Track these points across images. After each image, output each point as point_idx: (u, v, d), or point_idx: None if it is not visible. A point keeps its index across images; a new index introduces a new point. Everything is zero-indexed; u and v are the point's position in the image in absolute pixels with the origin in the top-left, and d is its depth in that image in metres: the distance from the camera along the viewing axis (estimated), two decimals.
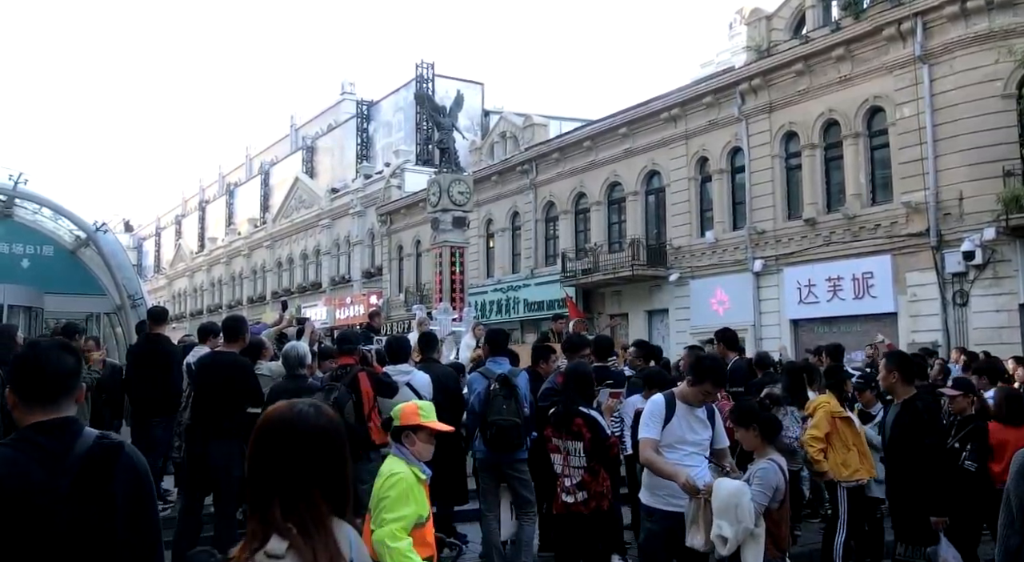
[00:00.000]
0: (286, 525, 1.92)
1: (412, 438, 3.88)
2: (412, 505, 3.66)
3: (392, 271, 37.01)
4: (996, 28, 16.51)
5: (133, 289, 15.48)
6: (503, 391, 6.53)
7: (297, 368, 7.00)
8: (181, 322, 57.81)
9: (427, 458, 3.94)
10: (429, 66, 38.75)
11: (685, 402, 5.02)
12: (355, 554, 2.03)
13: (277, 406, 2.08)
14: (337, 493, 2.03)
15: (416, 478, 3.78)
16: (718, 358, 6.69)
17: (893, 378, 5.65)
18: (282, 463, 1.98)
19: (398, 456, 3.89)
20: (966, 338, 16.36)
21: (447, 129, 19.42)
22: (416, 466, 3.82)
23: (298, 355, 7.03)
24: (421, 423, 3.89)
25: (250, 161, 62.49)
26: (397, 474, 3.73)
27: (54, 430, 2.33)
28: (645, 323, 24.34)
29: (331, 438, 2.04)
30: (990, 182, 16.27)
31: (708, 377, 5.01)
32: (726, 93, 21.96)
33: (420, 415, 3.92)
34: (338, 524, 2.02)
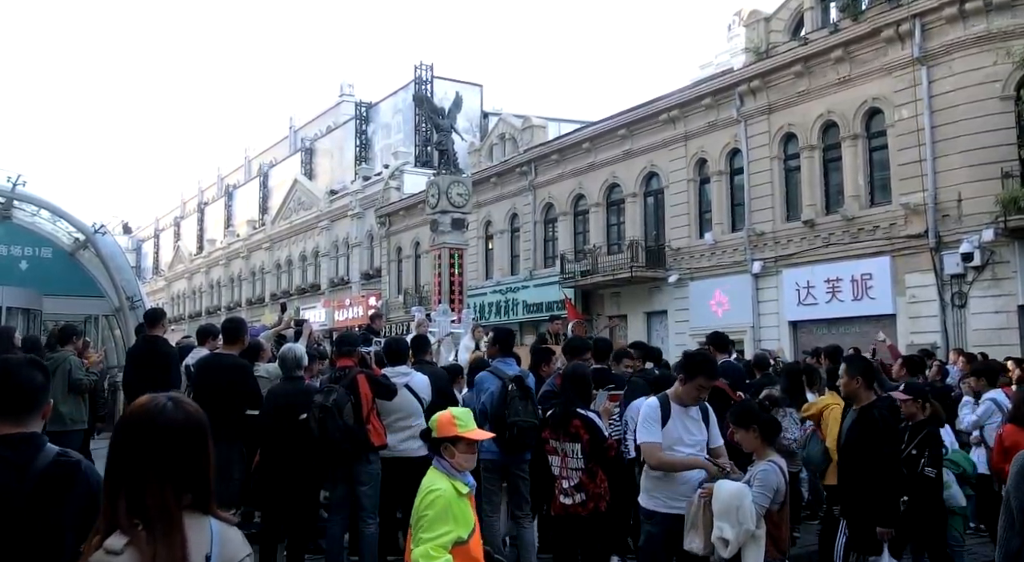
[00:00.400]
0: (131, 520, 1.92)
1: (451, 450, 3.71)
2: (451, 523, 3.52)
3: (391, 273, 37.02)
4: (995, 30, 16.52)
5: (132, 291, 15.50)
6: (521, 392, 6.56)
7: (294, 370, 7.00)
8: (180, 324, 57.83)
9: (470, 468, 3.79)
10: (428, 68, 38.78)
11: (679, 403, 5.03)
12: (217, 548, 2.02)
13: (139, 400, 2.10)
14: (197, 488, 2.04)
15: (457, 493, 3.62)
16: (706, 352, 6.72)
17: (856, 384, 5.53)
18: (133, 457, 1.99)
19: (439, 469, 3.73)
20: (965, 339, 16.37)
21: (446, 131, 19.38)
22: (458, 479, 3.67)
23: (295, 357, 7.02)
24: (459, 434, 3.72)
25: (249, 163, 62.49)
26: (435, 491, 3.59)
27: (19, 444, 2.43)
28: (644, 325, 24.34)
29: (188, 432, 2.05)
30: (989, 183, 16.27)
31: (700, 371, 5.01)
32: (725, 94, 21.97)
33: (457, 425, 3.74)
34: (198, 519, 2.02)
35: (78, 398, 8.64)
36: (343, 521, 6.76)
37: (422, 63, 38.72)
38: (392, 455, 6.78)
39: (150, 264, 73.33)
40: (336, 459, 6.55)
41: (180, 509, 1.98)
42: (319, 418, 6.39)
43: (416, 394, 7.01)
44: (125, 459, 2.00)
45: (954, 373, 10.96)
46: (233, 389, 6.59)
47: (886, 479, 5.32)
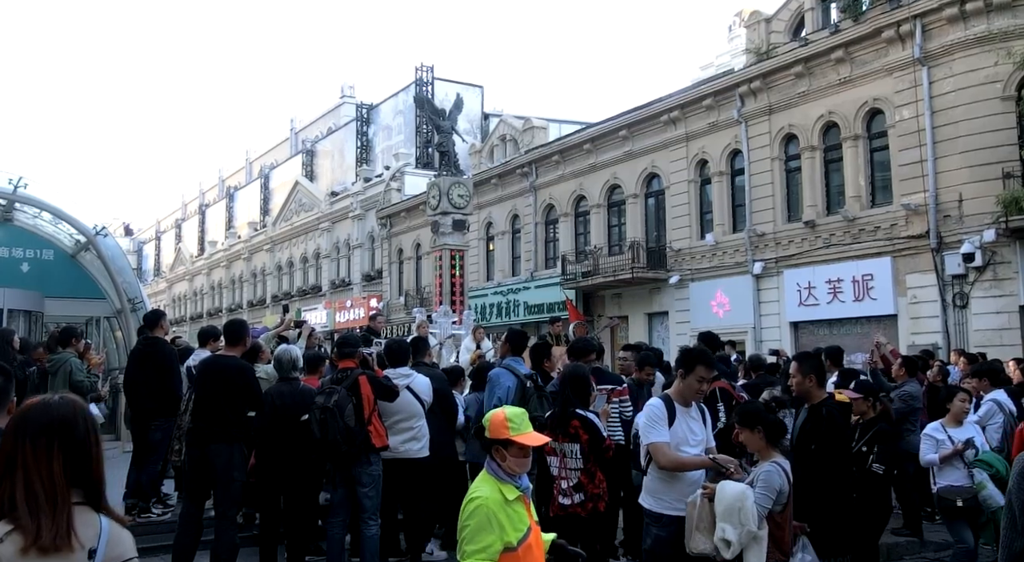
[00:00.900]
0: (14, 510, 2.02)
1: (502, 453, 3.50)
2: (495, 532, 3.32)
3: (392, 274, 37.03)
4: (995, 30, 16.52)
5: (133, 293, 15.51)
6: (537, 391, 6.60)
7: (290, 371, 7.02)
8: (181, 326, 57.89)
9: (522, 471, 3.55)
10: (429, 69, 38.81)
11: (682, 402, 5.03)
12: (103, 545, 2.09)
13: (30, 399, 2.20)
14: (86, 483, 2.12)
15: (503, 499, 3.42)
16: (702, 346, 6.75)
17: (809, 382, 5.51)
18: (21, 448, 2.08)
19: (487, 472, 3.53)
20: (966, 340, 16.35)
21: (447, 132, 19.42)
22: (507, 483, 3.47)
23: (291, 358, 7.04)
24: (510, 437, 3.48)
25: (250, 165, 62.56)
26: (475, 500, 3.40)
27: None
28: (645, 326, 24.34)
29: (73, 427, 2.13)
30: (990, 184, 16.27)
31: (698, 361, 5.00)
32: (726, 95, 21.97)
33: (509, 428, 3.50)
34: (88, 515, 2.10)
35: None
36: (344, 523, 6.77)
37: (423, 65, 38.79)
38: (393, 456, 6.79)
39: (151, 266, 73.39)
40: (337, 460, 6.56)
41: (68, 501, 2.06)
42: (320, 419, 6.41)
43: (417, 395, 7.02)
44: (14, 451, 2.09)
45: (955, 374, 10.95)
46: (235, 391, 6.59)
47: (832, 477, 5.31)
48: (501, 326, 27.75)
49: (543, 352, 7.70)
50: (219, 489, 6.58)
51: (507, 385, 6.82)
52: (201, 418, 6.68)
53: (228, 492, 6.53)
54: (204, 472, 6.55)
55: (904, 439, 8.60)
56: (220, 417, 6.54)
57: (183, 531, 6.67)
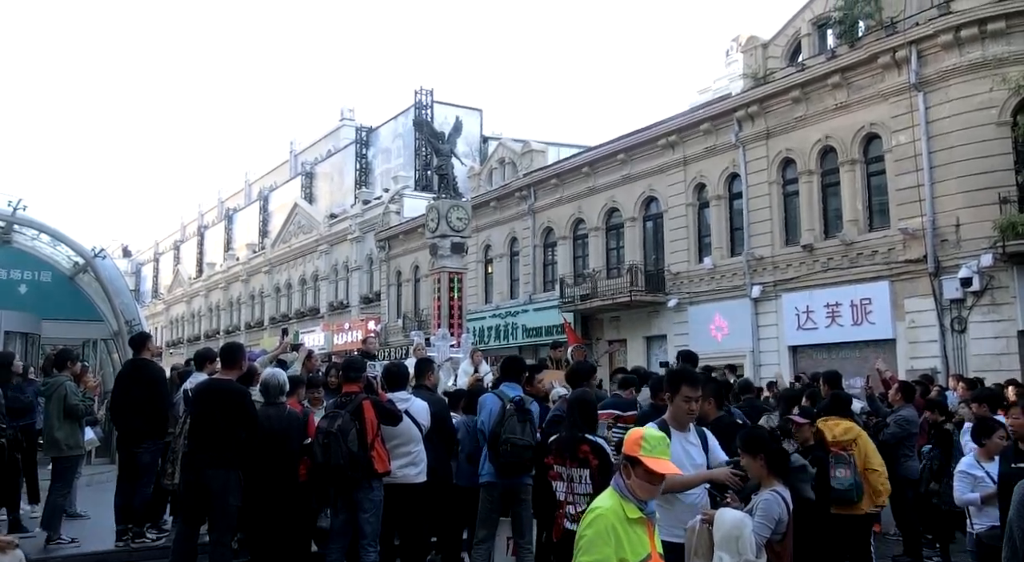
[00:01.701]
0: None
1: (628, 470, 3.41)
2: (611, 545, 3.24)
3: (390, 296, 37.01)
4: (990, 57, 16.64)
5: (131, 315, 15.52)
6: (520, 414, 6.58)
7: (277, 396, 6.98)
8: (179, 347, 57.84)
9: (646, 498, 3.44)
10: (428, 93, 39.02)
11: (677, 428, 4.99)
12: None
13: None
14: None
15: (625, 515, 3.33)
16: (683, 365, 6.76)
17: (708, 405, 5.61)
18: None
19: (613, 486, 3.45)
20: (965, 364, 16.33)
21: (446, 155, 19.45)
22: (630, 501, 3.38)
23: (278, 383, 7.01)
24: (639, 457, 3.38)
25: (249, 187, 62.71)
26: (596, 510, 3.33)
27: None
28: (644, 349, 24.30)
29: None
30: (986, 209, 16.32)
31: (681, 381, 4.99)
32: (723, 120, 22.08)
33: (641, 448, 3.41)
34: None
35: (74, 423, 8.59)
36: (343, 549, 6.71)
37: (422, 88, 39.00)
38: (391, 481, 6.76)
39: (149, 287, 73.37)
40: (340, 485, 6.52)
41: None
42: (323, 444, 6.38)
43: (415, 420, 6.99)
44: None
45: (953, 398, 10.93)
46: (230, 414, 6.56)
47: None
48: (499, 349, 27.69)
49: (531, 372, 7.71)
50: (214, 514, 6.53)
51: (490, 409, 6.82)
52: (197, 442, 6.64)
53: (223, 517, 6.49)
54: (199, 497, 6.51)
55: (901, 464, 8.56)
56: (216, 441, 6.50)
57: (177, 556, 6.62)
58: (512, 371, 7.31)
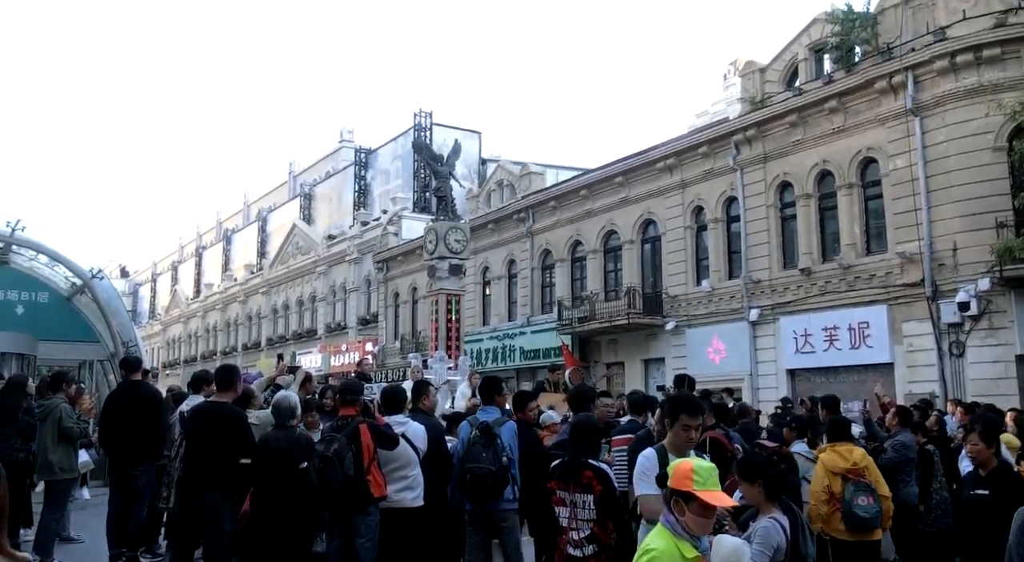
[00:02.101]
0: None
1: (681, 506, 3.25)
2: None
3: (388, 318, 36.96)
4: (985, 82, 16.75)
5: (128, 336, 15.50)
6: (483, 439, 6.53)
7: (288, 419, 6.95)
8: (175, 368, 57.67)
9: (702, 533, 3.31)
10: (427, 115, 39.19)
11: (675, 453, 4.95)
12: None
13: None
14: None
15: (680, 556, 3.21)
16: (688, 393, 6.70)
17: (662, 426, 5.54)
18: None
19: (664, 524, 3.29)
20: (963, 389, 16.30)
21: (444, 177, 19.50)
22: (684, 540, 3.24)
23: (290, 405, 6.98)
24: (693, 491, 3.22)
25: (248, 208, 62.80)
26: (650, 552, 3.19)
27: None
28: (642, 372, 24.26)
29: None
30: (983, 233, 16.36)
31: (680, 409, 4.94)
32: (721, 143, 22.18)
33: (694, 481, 3.25)
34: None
35: (68, 446, 8.54)
36: None
37: (421, 110, 39.17)
38: (387, 506, 6.71)
39: (147, 308, 73.28)
40: (336, 510, 6.47)
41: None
42: (319, 468, 6.34)
43: (412, 443, 6.96)
44: None
45: (951, 423, 10.89)
46: (226, 437, 6.52)
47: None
48: (497, 371, 27.61)
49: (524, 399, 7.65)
50: (209, 538, 6.49)
51: (463, 436, 6.81)
52: (192, 465, 6.60)
53: (218, 541, 6.44)
54: (194, 520, 6.46)
55: (900, 490, 8.51)
56: (211, 465, 6.46)
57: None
58: (487, 393, 7.26)
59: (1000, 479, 5.83)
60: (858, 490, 6.79)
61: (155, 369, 53.66)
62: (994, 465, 5.93)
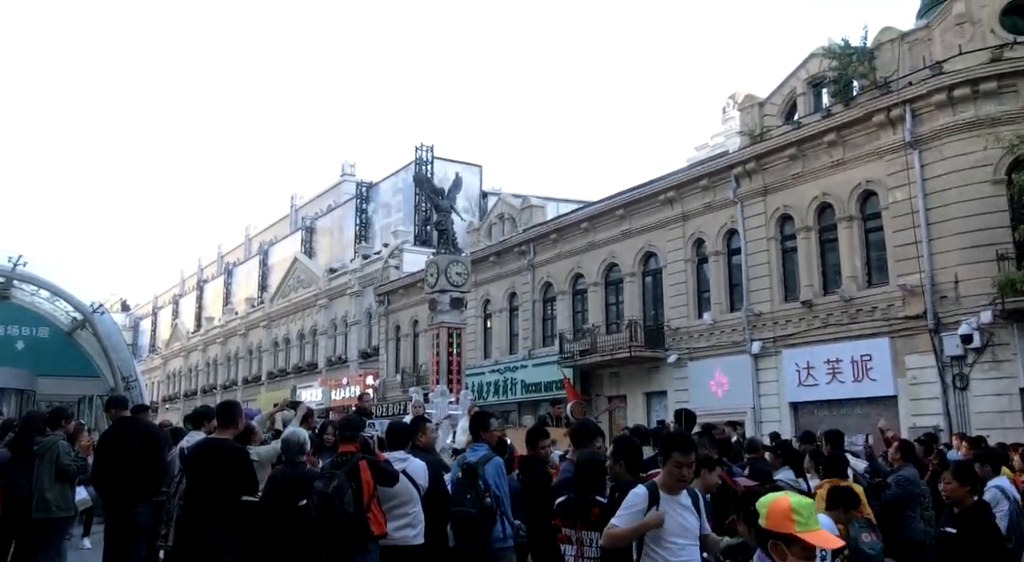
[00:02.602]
0: None
1: (781, 549, 2.97)
2: None
3: (389, 351, 36.87)
4: (983, 116, 16.85)
5: (128, 371, 15.47)
6: (466, 480, 6.50)
7: (297, 455, 6.89)
8: (175, 402, 57.47)
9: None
10: (428, 149, 39.39)
11: (667, 491, 4.87)
12: None
13: None
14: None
15: None
16: (681, 430, 6.64)
17: (619, 468, 5.52)
18: None
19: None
20: (967, 422, 16.19)
21: (445, 211, 19.55)
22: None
23: (299, 441, 6.92)
24: (795, 534, 2.93)
25: (249, 241, 62.98)
26: None
27: None
28: (644, 405, 24.14)
29: None
30: (985, 265, 16.36)
31: (673, 447, 4.88)
32: (721, 176, 22.27)
33: (795, 522, 2.95)
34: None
35: (65, 484, 8.45)
36: None
37: (423, 144, 39.35)
38: (387, 543, 6.63)
39: (147, 342, 73.16)
40: (335, 547, 6.40)
41: None
42: (318, 505, 6.28)
43: (413, 480, 6.90)
44: None
45: (956, 458, 10.80)
46: (227, 474, 6.47)
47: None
48: (498, 405, 27.51)
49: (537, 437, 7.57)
50: None
51: (452, 475, 6.78)
52: (193, 503, 6.54)
53: None
54: (195, 558, 6.39)
55: (906, 526, 8.42)
56: (213, 502, 6.40)
57: None
58: (474, 430, 7.21)
59: (971, 517, 5.85)
60: (862, 527, 6.70)
61: (155, 403, 53.58)
62: (968, 503, 5.94)
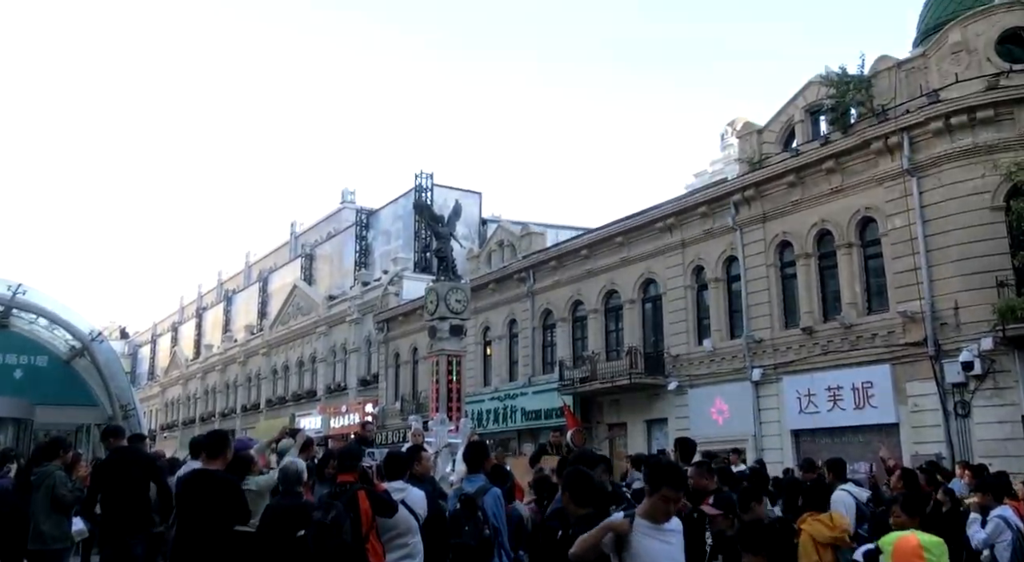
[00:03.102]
0: None
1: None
2: None
3: (388, 379, 36.75)
4: (980, 143, 16.92)
5: (126, 399, 15.41)
6: (464, 511, 6.44)
7: (295, 485, 6.83)
8: (173, 431, 57.19)
9: None
10: (428, 176, 39.53)
11: (650, 520, 4.73)
12: None
13: None
14: None
15: None
16: (672, 462, 6.52)
17: (566, 499, 5.39)
18: None
19: None
20: (970, 450, 16.08)
21: (445, 238, 19.60)
22: None
23: (297, 471, 6.86)
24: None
25: (249, 268, 63.05)
26: None
27: None
28: (644, 433, 24.01)
29: None
30: (985, 292, 16.34)
31: (663, 482, 4.73)
32: (720, 203, 22.32)
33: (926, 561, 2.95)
34: None
35: (61, 515, 8.37)
36: None
37: (422, 172, 39.50)
38: None
39: (146, 369, 73.02)
40: None
41: None
42: (316, 536, 6.23)
43: (412, 510, 6.84)
44: None
45: (959, 487, 10.72)
46: (217, 505, 6.41)
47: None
48: (498, 433, 27.39)
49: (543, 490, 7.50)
50: None
51: (450, 507, 6.73)
52: (185, 535, 6.47)
53: None
54: None
55: None
56: (205, 533, 6.34)
57: None
58: (472, 461, 7.14)
59: None
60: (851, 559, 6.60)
61: (153, 431, 53.32)
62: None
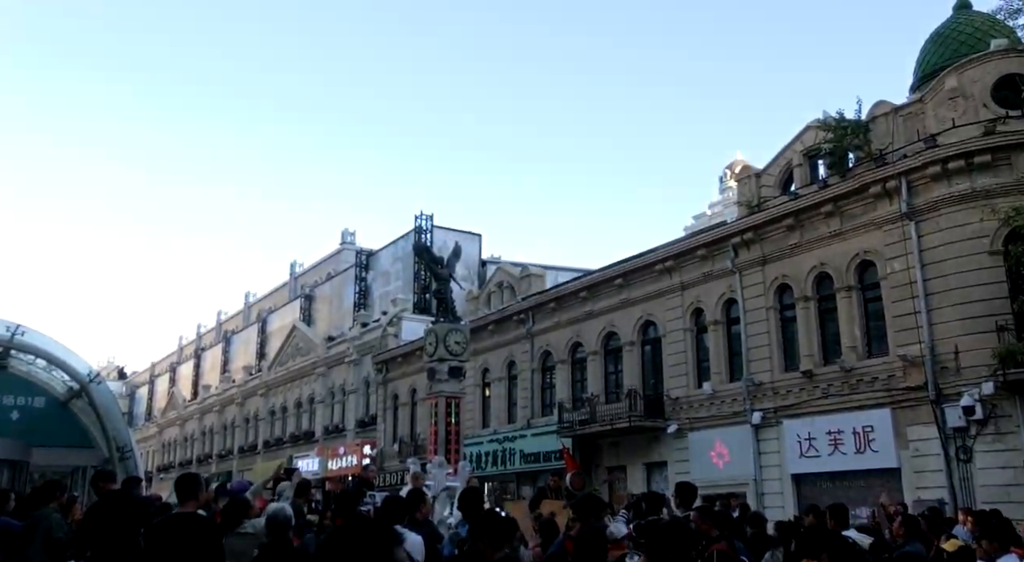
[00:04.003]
0: None
1: None
2: None
3: (387, 420, 36.53)
4: (978, 188, 17.04)
5: (123, 441, 15.31)
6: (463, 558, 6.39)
7: (284, 531, 6.73)
8: (169, 472, 56.68)
9: None
10: (428, 218, 39.72)
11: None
12: None
13: None
14: None
15: None
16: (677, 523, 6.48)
17: (482, 546, 5.44)
18: None
19: None
20: (973, 495, 15.93)
21: (444, 279, 19.63)
22: None
23: (286, 517, 6.78)
24: None
25: (249, 309, 63.05)
26: None
27: None
28: (644, 476, 23.79)
29: None
30: (984, 336, 16.32)
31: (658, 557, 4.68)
32: (719, 246, 22.39)
33: None
34: None
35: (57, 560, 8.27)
36: None
37: (422, 213, 39.70)
38: None
39: (144, 410, 72.63)
40: None
41: None
42: None
43: (410, 556, 6.76)
44: None
45: (962, 534, 10.60)
46: (190, 550, 6.29)
47: None
48: (497, 475, 27.18)
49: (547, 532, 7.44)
50: None
51: (446, 553, 6.67)
52: None
53: None
54: None
55: None
56: None
57: None
58: (468, 508, 7.09)
59: None
60: None
61: (149, 473, 52.82)
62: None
